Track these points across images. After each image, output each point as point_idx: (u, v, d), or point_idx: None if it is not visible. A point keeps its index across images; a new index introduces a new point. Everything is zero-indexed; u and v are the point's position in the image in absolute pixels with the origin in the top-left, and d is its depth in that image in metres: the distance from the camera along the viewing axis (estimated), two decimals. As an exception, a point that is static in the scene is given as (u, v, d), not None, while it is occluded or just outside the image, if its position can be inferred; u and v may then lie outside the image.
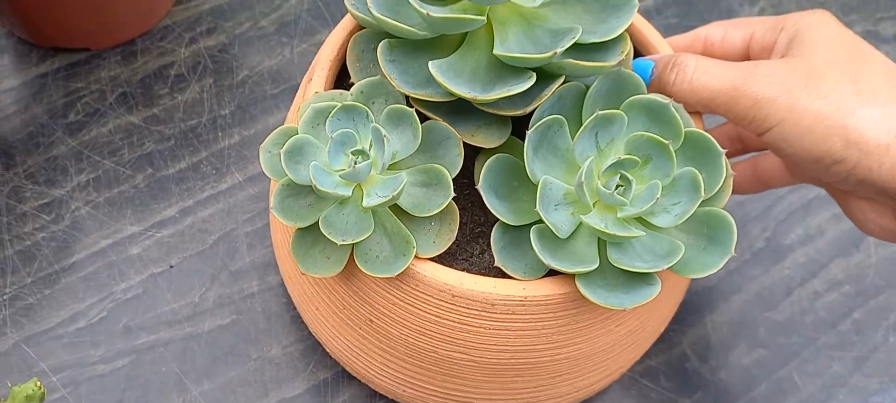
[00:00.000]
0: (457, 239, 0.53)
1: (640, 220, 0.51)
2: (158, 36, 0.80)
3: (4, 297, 0.67)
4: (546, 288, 0.50)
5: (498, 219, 0.51)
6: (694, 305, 0.71)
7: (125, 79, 0.77)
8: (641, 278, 0.50)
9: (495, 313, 0.51)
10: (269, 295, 0.69)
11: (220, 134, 0.75)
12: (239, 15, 0.82)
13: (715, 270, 0.50)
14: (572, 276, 0.50)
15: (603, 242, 0.51)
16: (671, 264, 0.49)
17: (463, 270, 0.52)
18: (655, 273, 0.50)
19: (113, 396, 0.64)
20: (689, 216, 0.50)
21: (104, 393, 0.64)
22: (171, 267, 0.69)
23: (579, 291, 0.49)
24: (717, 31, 0.60)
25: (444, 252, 0.51)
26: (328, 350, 0.62)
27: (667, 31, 0.85)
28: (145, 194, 0.72)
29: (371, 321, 0.55)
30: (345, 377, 0.66)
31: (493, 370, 0.54)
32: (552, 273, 0.50)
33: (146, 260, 0.69)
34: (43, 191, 0.72)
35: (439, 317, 0.52)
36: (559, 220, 0.50)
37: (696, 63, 0.54)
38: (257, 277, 0.69)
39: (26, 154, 0.73)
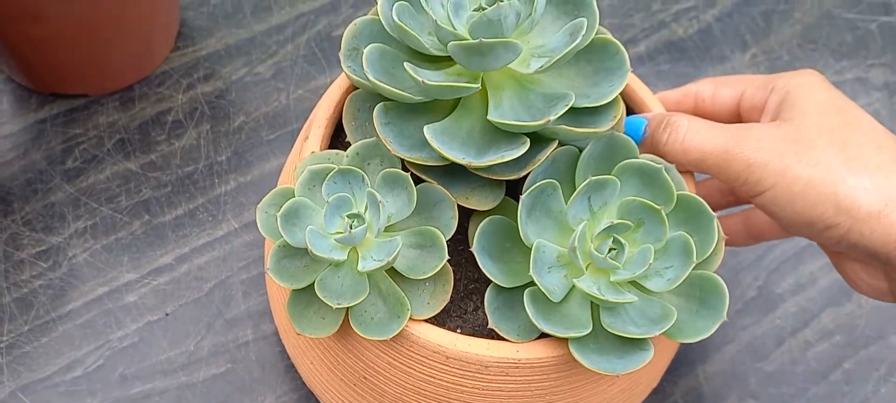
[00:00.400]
0: (451, 296, 0.53)
1: (633, 283, 0.51)
2: (156, 82, 0.80)
3: (1, 345, 0.67)
4: (539, 351, 0.51)
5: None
6: (686, 356, 0.71)
7: (123, 126, 0.78)
8: (634, 343, 0.50)
9: (489, 374, 0.51)
10: (263, 343, 0.69)
11: (216, 180, 0.76)
12: (235, 61, 0.83)
13: (707, 335, 0.50)
14: (565, 339, 0.50)
15: (596, 305, 0.51)
16: (664, 329, 0.49)
17: (456, 328, 0.53)
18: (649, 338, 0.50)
19: (108, 446, 0.64)
20: (681, 281, 0.50)
21: (99, 443, 0.64)
22: (167, 314, 0.69)
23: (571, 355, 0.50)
24: (707, 89, 0.61)
25: (438, 310, 0.52)
26: (320, 401, 0.62)
27: (658, 78, 0.86)
28: (142, 241, 0.72)
29: (365, 378, 0.55)
30: (338, 428, 0.66)
31: (486, 429, 0.55)
32: (544, 333, 0.50)
33: (142, 307, 0.69)
34: (40, 238, 0.72)
35: (433, 378, 0.52)
36: (552, 283, 0.50)
37: (688, 124, 0.55)
38: (252, 325, 0.69)
39: (24, 200, 0.73)
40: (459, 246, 0.55)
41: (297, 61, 0.83)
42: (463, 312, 0.54)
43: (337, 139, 0.58)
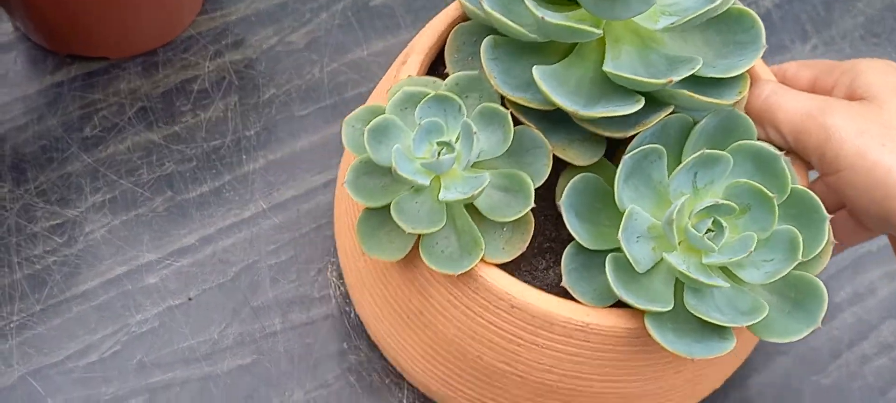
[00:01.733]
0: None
1: (725, 270, 0.49)
2: (181, 47, 0.76)
3: (11, 325, 0.64)
4: (611, 319, 0.49)
5: (570, 238, 0.50)
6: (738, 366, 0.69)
7: (145, 93, 0.74)
8: (715, 330, 0.48)
9: (552, 332, 0.50)
10: (292, 334, 0.65)
11: (244, 157, 0.72)
12: (267, 28, 0.78)
13: (797, 338, 0.49)
14: (641, 312, 0.48)
15: (680, 284, 0.49)
16: (752, 323, 0.47)
17: (525, 282, 0.51)
18: (732, 328, 0.48)
19: (125, 437, 0.61)
20: (780, 277, 0.48)
21: (116, 434, 0.61)
22: (190, 299, 0.66)
23: (646, 329, 0.48)
24: (792, 68, 0.60)
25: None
26: (369, 333, 0.63)
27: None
28: (164, 219, 0.69)
29: (421, 313, 0.54)
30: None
31: (536, 389, 0.53)
32: (618, 303, 0.49)
33: (163, 290, 0.66)
34: (55, 210, 0.68)
35: (493, 324, 0.51)
36: (639, 253, 0.48)
37: (773, 85, 0.54)
38: (280, 314, 0.66)
39: (39, 169, 0.69)
40: (539, 201, 0.53)
41: (332, 31, 0.79)
42: (534, 269, 0.53)
43: (434, 71, 0.57)
